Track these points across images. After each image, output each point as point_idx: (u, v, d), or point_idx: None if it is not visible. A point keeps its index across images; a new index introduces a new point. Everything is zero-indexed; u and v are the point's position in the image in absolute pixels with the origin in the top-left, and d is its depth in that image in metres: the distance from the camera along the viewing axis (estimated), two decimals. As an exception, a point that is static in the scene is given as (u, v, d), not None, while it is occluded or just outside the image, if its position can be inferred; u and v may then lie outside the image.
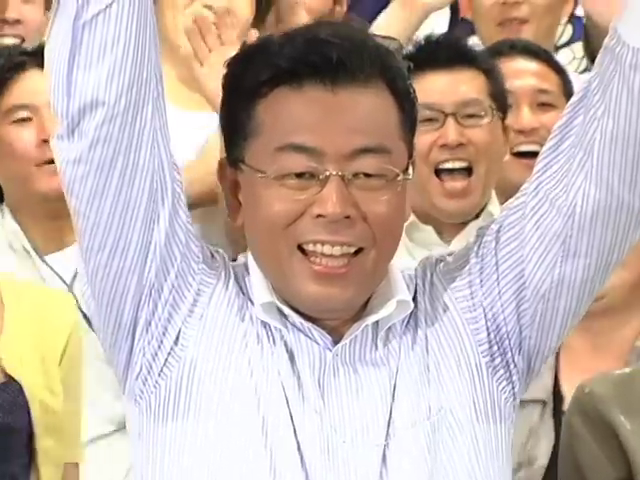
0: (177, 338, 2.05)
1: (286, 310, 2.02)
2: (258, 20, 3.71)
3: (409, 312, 2.05)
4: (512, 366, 2.09)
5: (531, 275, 2.05)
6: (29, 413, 3.05)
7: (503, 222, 2.08)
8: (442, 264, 2.14)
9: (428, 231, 3.41)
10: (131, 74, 1.96)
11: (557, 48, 3.96)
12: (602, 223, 2.02)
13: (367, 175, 1.98)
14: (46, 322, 3.15)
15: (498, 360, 2.09)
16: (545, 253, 2.04)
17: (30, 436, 3.10)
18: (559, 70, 3.37)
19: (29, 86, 3.81)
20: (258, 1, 3.76)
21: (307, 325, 2.03)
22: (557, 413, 2.80)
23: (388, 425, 2.03)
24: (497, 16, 3.87)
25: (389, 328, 2.06)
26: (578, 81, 2.22)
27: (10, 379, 3.01)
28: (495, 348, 2.08)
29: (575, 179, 2.01)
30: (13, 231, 3.83)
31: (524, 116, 3.34)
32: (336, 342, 2.03)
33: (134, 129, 1.97)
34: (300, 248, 1.99)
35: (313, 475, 2.00)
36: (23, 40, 4.17)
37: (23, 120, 3.82)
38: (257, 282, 2.06)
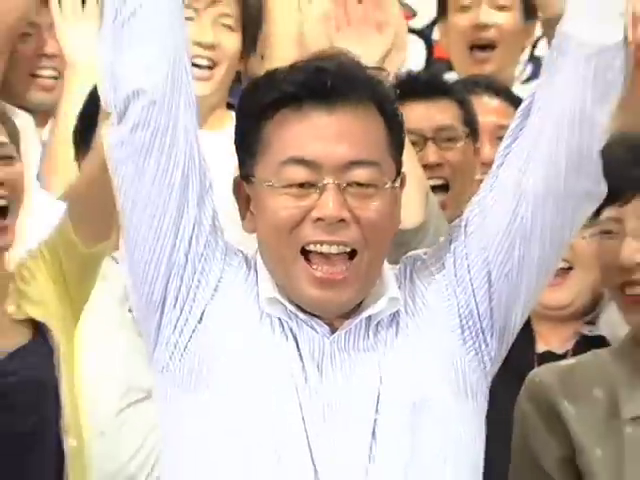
0: (200, 318, 2.13)
1: (288, 305, 2.12)
2: (244, 55, 3.70)
3: (397, 309, 2.16)
4: (484, 347, 2.18)
5: (495, 260, 2.14)
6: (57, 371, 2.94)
7: (468, 217, 2.18)
8: (419, 262, 2.22)
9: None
10: (166, 66, 2.08)
11: (522, 83, 3.96)
12: (552, 207, 2.12)
13: (359, 184, 2.08)
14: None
15: (470, 343, 2.17)
16: (504, 238, 2.13)
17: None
18: (518, 105, 3.45)
19: None
20: (244, 37, 3.71)
21: (307, 318, 2.12)
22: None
23: (377, 403, 2.11)
24: (469, 39, 3.91)
25: (381, 324, 2.16)
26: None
27: (44, 339, 2.95)
28: (467, 332, 2.16)
29: (527, 170, 2.11)
30: None
31: (485, 151, 3.38)
32: (333, 331, 2.12)
33: (170, 115, 2.08)
34: (303, 251, 2.09)
35: (314, 443, 2.09)
36: (60, 74, 3.97)
37: None
38: (263, 279, 2.15)
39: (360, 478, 2.10)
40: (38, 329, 2.99)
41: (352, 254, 2.08)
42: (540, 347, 2.97)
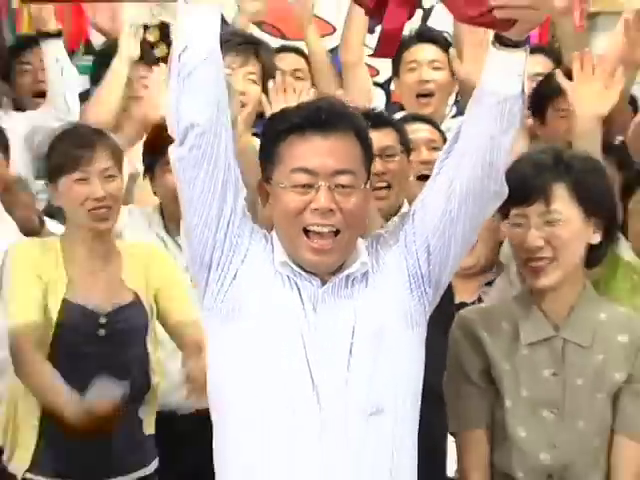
0: (235, 275, 2.12)
1: (294, 266, 2.11)
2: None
3: (367, 269, 2.15)
4: (424, 294, 2.16)
5: (432, 238, 2.13)
6: (147, 321, 2.93)
7: (415, 209, 2.18)
8: (382, 238, 2.21)
9: None
10: (212, 108, 2.03)
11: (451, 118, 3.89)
12: (472, 202, 2.10)
13: (343, 186, 2.09)
14: (142, 251, 3.00)
15: (415, 291, 2.16)
16: (439, 223, 2.12)
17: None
18: (443, 134, 3.36)
19: None
20: (263, 88, 3.58)
21: (306, 275, 2.12)
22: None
23: (352, 332, 2.11)
24: (415, 90, 3.80)
25: (355, 279, 2.15)
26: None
27: (136, 298, 2.90)
28: (413, 285, 2.15)
29: (455, 178, 2.09)
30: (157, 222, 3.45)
31: (423, 153, 3.32)
32: (323, 284, 2.12)
33: (214, 141, 2.04)
34: (304, 230, 2.09)
35: (310, 357, 2.08)
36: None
37: None
38: (277, 249, 2.14)
39: (341, 383, 2.09)
40: (135, 294, 2.93)
41: (337, 232, 2.09)
42: (456, 299, 2.90)
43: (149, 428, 2.91)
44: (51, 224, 3.07)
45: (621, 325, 2.33)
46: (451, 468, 2.56)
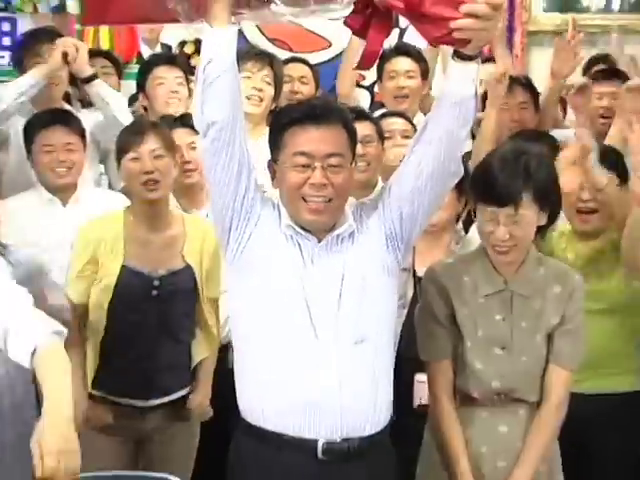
0: (249, 236, 2.10)
1: (296, 227, 2.09)
2: (275, 97, 3.61)
3: (353, 229, 2.13)
4: (398, 250, 2.15)
5: (404, 206, 2.11)
6: (196, 283, 2.79)
7: (391, 184, 2.16)
8: (365, 205, 2.20)
9: None
10: (229, 109, 2.00)
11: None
12: (436, 179, 2.08)
13: (333, 166, 2.07)
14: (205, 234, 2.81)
15: (390, 247, 2.14)
16: (409, 195, 2.10)
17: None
18: (414, 126, 3.29)
19: None
20: (275, 88, 3.62)
21: (305, 233, 2.10)
22: (414, 276, 2.68)
23: (342, 279, 2.10)
24: (393, 93, 3.74)
25: (343, 237, 2.12)
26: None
27: (188, 265, 2.79)
28: (389, 242, 2.14)
29: (422, 160, 2.07)
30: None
31: (398, 138, 3.24)
32: (319, 241, 2.10)
33: (231, 134, 2.01)
34: (303, 199, 2.07)
35: (309, 298, 2.07)
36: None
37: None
38: (283, 214, 2.11)
39: (333, 319, 2.08)
40: (188, 261, 2.80)
41: (329, 201, 2.07)
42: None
43: (194, 358, 2.84)
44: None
45: (556, 278, 2.31)
46: (415, 402, 2.58)
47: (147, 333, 2.73)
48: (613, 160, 2.78)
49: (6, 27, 4.32)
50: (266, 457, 2.07)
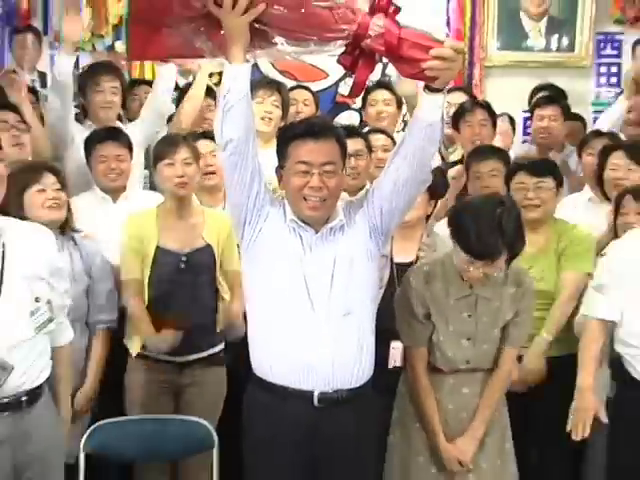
0: (260, 230, 2.07)
1: (298, 222, 2.05)
2: (283, 118, 3.49)
3: (343, 223, 2.08)
4: (379, 239, 2.10)
5: (383, 205, 2.07)
6: (215, 258, 2.74)
7: (374, 188, 2.11)
8: (352, 203, 2.15)
9: None
10: (244, 129, 1.95)
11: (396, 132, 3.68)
12: (409, 185, 2.04)
13: (328, 172, 2.03)
14: (221, 222, 2.75)
15: (373, 237, 2.10)
16: (388, 196, 2.06)
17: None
18: (394, 141, 3.21)
19: None
20: (282, 111, 3.52)
21: (305, 226, 2.06)
22: (391, 261, 2.59)
23: (334, 263, 2.06)
24: (375, 118, 3.70)
25: (335, 229, 2.08)
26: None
27: (208, 245, 2.74)
28: (372, 233, 2.09)
29: (399, 169, 2.02)
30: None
31: (379, 154, 3.16)
32: (316, 233, 2.06)
33: (245, 149, 1.97)
34: (304, 199, 2.03)
35: (307, 278, 2.04)
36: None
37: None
38: (288, 210, 2.07)
39: (326, 296, 2.05)
40: (208, 243, 2.73)
41: (324, 200, 2.03)
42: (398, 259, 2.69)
43: (219, 325, 2.76)
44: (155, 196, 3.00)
45: (511, 280, 2.27)
46: (390, 364, 2.51)
47: (179, 301, 2.69)
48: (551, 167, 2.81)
49: (70, 63, 4.40)
50: (273, 404, 2.05)
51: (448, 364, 2.30)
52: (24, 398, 1.91)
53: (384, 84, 3.84)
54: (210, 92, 3.62)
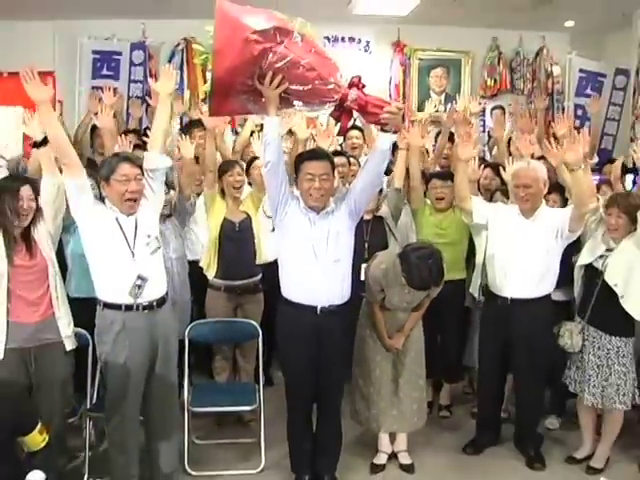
0: (286, 213, 2.08)
1: (307, 208, 2.06)
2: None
3: (333, 209, 2.05)
4: (354, 218, 2.10)
5: (355, 197, 2.09)
6: (252, 224, 2.76)
7: (350, 187, 2.13)
8: (338, 197, 2.14)
9: None
10: (276, 157, 1.98)
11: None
12: (369, 188, 2.07)
13: (324, 179, 2.07)
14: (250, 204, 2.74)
15: (350, 217, 2.11)
16: (358, 193, 2.08)
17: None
18: (359, 162, 3.10)
19: None
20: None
21: (311, 211, 2.08)
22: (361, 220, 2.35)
23: (328, 233, 2.07)
24: (352, 145, 3.63)
25: (329, 212, 2.08)
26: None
27: (248, 217, 2.74)
28: (350, 215, 2.10)
29: (363, 178, 2.05)
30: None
31: (353, 167, 3.05)
32: (317, 214, 2.07)
33: (277, 168, 1.99)
34: (310, 195, 2.05)
35: (314, 244, 2.04)
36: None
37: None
38: (301, 201, 2.08)
39: (324, 250, 2.06)
40: (248, 214, 2.75)
41: (322, 196, 2.07)
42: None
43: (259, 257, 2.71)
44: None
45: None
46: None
47: (236, 251, 2.69)
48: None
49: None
50: (293, 314, 2.08)
51: (393, 307, 2.31)
52: (155, 303, 2.03)
53: (357, 127, 3.84)
54: (252, 134, 3.54)
